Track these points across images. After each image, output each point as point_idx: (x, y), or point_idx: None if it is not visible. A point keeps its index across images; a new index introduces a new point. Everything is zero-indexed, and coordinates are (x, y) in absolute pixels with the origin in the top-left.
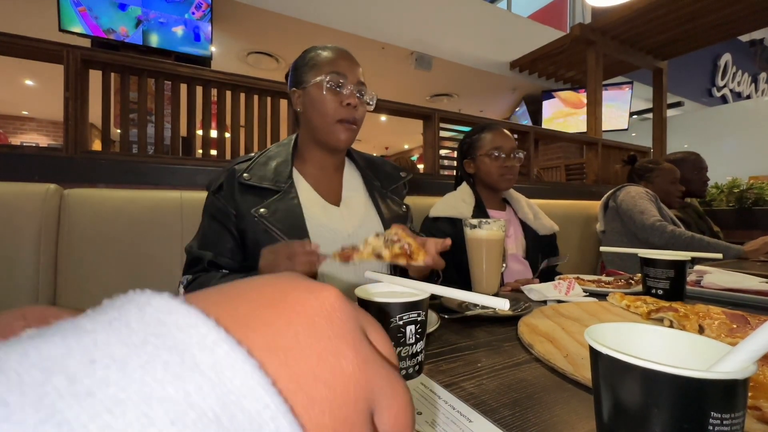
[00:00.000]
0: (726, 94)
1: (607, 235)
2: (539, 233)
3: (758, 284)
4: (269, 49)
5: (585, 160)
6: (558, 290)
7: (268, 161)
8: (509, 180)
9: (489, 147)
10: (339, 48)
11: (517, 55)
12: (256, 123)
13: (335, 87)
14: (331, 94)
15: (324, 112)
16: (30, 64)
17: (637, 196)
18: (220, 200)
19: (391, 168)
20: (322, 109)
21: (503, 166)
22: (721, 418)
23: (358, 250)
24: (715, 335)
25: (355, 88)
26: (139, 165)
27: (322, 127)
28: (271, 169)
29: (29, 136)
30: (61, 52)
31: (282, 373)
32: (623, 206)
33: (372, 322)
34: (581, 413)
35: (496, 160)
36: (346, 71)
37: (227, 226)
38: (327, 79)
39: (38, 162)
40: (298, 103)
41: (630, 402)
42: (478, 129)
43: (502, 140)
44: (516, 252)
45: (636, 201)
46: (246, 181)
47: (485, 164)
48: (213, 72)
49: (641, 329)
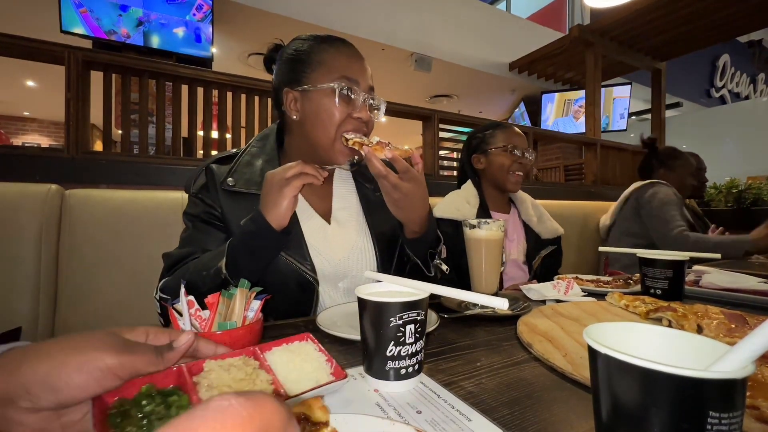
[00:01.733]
0: (724, 95)
1: (613, 231)
2: (542, 236)
3: (756, 284)
4: None
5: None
6: (557, 290)
7: (252, 160)
8: (518, 181)
9: (504, 142)
10: (347, 43)
11: (516, 56)
12: (257, 124)
13: (348, 96)
14: (342, 105)
15: (331, 124)
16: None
17: (667, 201)
18: (205, 201)
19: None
20: (331, 121)
21: (517, 162)
22: (719, 418)
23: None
24: (714, 335)
25: (367, 97)
26: (140, 165)
27: (324, 142)
28: (257, 171)
29: (30, 137)
30: (62, 53)
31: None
32: (648, 208)
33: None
34: (580, 412)
35: (510, 155)
36: (358, 76)
37: (215, 225)
38: (340, 86)
39: (39, 162)
40: (293, 107)
41: (629, 401)
42: (491, 125)
43: (518, 138)
44: (517, 257)
45: (664, 208)
46: (230, 188)
47: (498, 159)
48: (214, 73)
49: (640, 329)
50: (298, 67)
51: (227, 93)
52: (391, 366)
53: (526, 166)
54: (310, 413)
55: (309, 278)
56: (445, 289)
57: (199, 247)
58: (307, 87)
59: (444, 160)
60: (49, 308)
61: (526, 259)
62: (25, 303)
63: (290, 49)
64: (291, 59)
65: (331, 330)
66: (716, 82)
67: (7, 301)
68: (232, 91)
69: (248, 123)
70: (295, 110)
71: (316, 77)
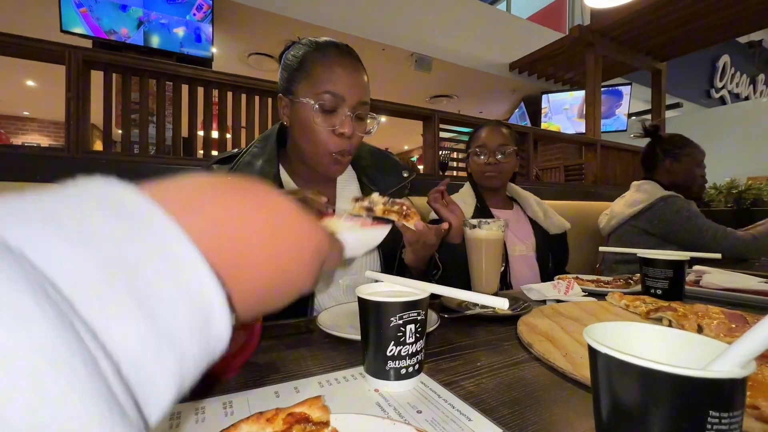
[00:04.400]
0: (724, 96)
1: (621, 229)
2: (549, 232)
3: (757, 284)
4: (270, 50)
5: (584, 160)
6: (557, 290)
7: (253, 160)
8: (490, 178)
9: (476, 144)
10: (340, 51)
11: (516, 56)
12: (257, 124)
13: (328, 111)
14: (323, 120)
15: (313, 140)
16: (31, 64)
17: (689, 215)
18: None
19: (391, 166)
20: (312, 136)
21: (485, 164)
22: (719, 417)
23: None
24: (714, 335)
25: (352, 113)
26: (141, 165)
27: (311, 154)
28: (256, 171)
29: (30, 137)
30: (63, 52)
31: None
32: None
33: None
34: (580, 412)
35: (479, 158)
36: (344, 91)
37: None
38: (317, 103)
39: (40, 162)
40: (284, 113)
41: (629, 401)
42: (476, 127)
43: (487, 137)
44: (527, 253)
45: (690, 222)
46: None
47: (472, 162)
48: (214, 73)
49: (640, 328)
50: (289, 76)
51: (227, 93)
52: (391, 366)
53: (498, 166)
54: (310, 413)
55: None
56: (446, 289)
57: None
58: (293, 97)
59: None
60: None
61: (536, 255)
62: None
63: (288, 54)
64: (285, 65)
65: (331, 330)
66: (716, 82)
67: None
68: (232, 91)
69: (248, 123)
70: (286, 116)
71: (301, 88)
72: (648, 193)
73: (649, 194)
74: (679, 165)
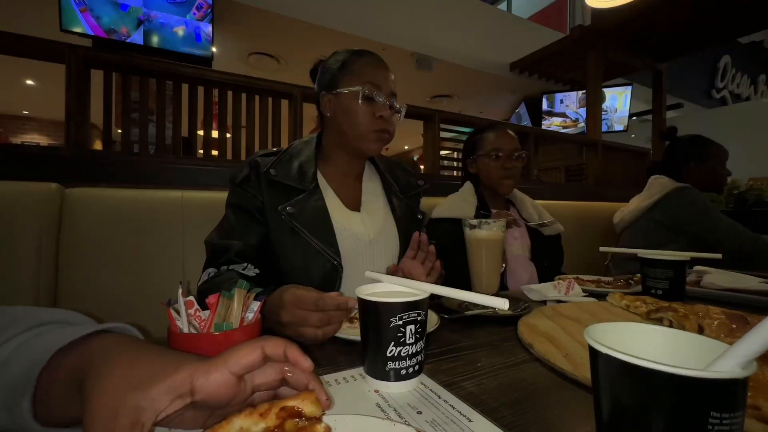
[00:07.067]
0: (725, 96)
1: (636, 224)
2: (544, 234)
3: (758, 284)
4: (270, 49)
5: (585, 161)
6: (557, 290)
7: (292, 159)
8: (509, 185)
9: (489, 147)
10: (374, 55)
11: (517, 56)
12: (257, 123)
13: (370, 98)
14: (365, 105)
15: (357, 122)
16: (31, 63)
17: (704, 207)
18: (248, 191)
19: (408, 175)
20: (356, 119)
21: (503, 167)
22: (720, 418)
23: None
24: (715, 335)
25: (388, 100)
26: (141, 165)
27: (354, 134)
28: (295, 168)
29: (30, 136)
30: (63, 51)
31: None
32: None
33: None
34: (581, 412)
35: (496, 161)
36: (382, 82)
37: (255, 217)
38: (363, 90)
39: (39, 161)
40: (328, 107)
41: (629, 401)
42: (482, 128)
43: (503, 140)
44: (523, 253)
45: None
46: (272, 177)
47: (485, 165)
48: (214, 72)
49: (641, 329)
50: (332, 75)
51: (228, 92)
52: (391, 366)
53: (514, 169)
54: (303, 407)
55: (334, 262)
56: (446, 290)
57: (240, 239)
58: (339, 90)
59: (444, 160)
60: (49, 306)
61: (531, 256)
62: (25, 301)
63: (329, 61)
64: (326, 69)
65: None
66: (717, 83)
67: (7, 300)
68: (232, 91)
69: (248, 122)
70: (329, 110)
71: (345, 82)
72: (662, 185)
73: (663, 186)
74: (704, 166)
